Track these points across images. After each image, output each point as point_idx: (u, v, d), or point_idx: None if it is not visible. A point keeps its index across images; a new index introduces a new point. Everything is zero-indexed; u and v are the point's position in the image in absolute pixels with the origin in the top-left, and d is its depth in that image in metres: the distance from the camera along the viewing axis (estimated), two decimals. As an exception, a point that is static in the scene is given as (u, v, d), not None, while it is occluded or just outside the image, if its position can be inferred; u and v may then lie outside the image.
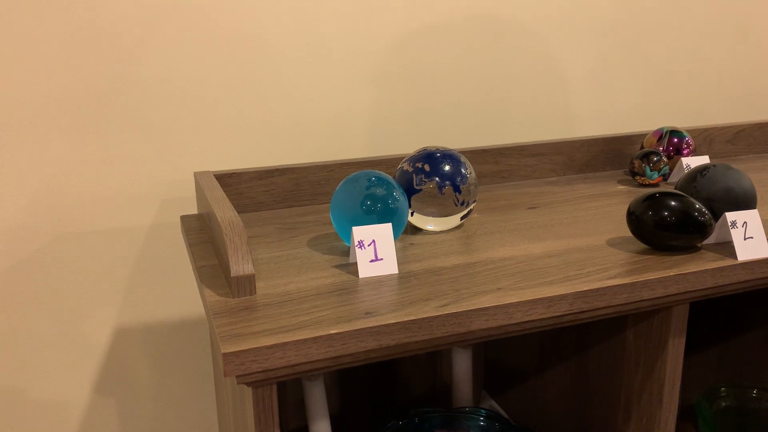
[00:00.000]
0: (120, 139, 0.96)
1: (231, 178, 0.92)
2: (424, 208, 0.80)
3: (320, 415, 0.88)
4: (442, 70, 1.11)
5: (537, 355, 0.98)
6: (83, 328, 1.00)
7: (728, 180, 0.77)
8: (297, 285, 0.67)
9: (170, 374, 1.06)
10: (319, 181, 0.96)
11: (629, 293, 0.67)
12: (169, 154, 0.99)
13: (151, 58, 0.95)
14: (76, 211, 0.96)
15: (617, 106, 1.26)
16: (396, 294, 0.64)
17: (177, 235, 1.01)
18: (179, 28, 0.95)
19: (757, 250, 0.72)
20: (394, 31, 1.07)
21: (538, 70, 1.18)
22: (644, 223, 0.73)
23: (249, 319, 0.59)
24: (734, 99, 1.35)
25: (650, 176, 1.01)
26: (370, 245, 0.69)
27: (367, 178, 0.75)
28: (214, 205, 0.72)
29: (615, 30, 1.21)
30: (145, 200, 0.99)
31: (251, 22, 0.99)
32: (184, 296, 1.04)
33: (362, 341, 0.58)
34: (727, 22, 1.30)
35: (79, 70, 0.92)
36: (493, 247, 0.77)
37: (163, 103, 0.97)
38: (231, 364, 0.54)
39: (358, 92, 1.07)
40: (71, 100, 0.93)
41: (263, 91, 1.02)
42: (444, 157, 0.81)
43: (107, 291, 1.00)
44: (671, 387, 0.76)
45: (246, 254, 0.64)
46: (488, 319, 0.62)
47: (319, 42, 1.03)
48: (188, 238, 0.82)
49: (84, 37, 0.92)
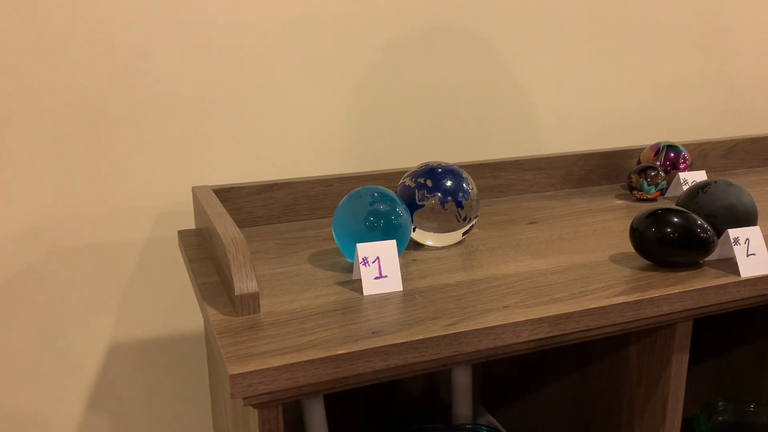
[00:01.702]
0: (116, 152, 0.95)
1: (229, 192, 0.91)
2: (427, 224, 0.80)
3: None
4: (438, 83, 1.11)
5: (537, 370, 0.97)
6: (76, 344, 0.98)
7: (730, 196, 0.78)
8: (301, 303, 0.66)
9: (164, 392, 1.04)
10: (318, 196, 0.95)
11: (635, 311, 0.67)
12: (166, 168, 0.98)
13: (148, 70, 0.94)
14: (71, 224, 0.95)
15: (611, 120, 1.26)
16: (402, 312, 0.63)
17: (174, 249, 0.99)
18: (175, 41, 0.95)
19: (759, 267, 0.72)
20: (391, 44, 1.07)
21: (530, 84, 1.18)
22: (647, 240, 0.73)
23: (254, 338, 0.58)
24: (725, 113, 1.36)
25: (648, 191, 1.02)
26: (375, 262, 0.68)
27: (370, 194, 0.74)
28: (216, 222, 0.71)
29: (606, 44, 1.22)
30: (141, 214, 0.97)
31: (249, 36, 0.98)
32: (179, 312, 1.02)
33: (370, 361, 0.57)
34: (716, 36, 1.31)
35: (75, 82, 0.91)
36: (497, 264, 0.76)
37: (160, 116, 0.96)
38: (238, 386, 0.53)
39: (355, 106, 1.07)
40: (67, 112, 0.92)
41: (260, 105, 1.01)
42: (446, 172, 0.81)
43: (101, 306, 0.98)
44: (674, 404, 0.76)
45: (250, 272, 0.63)
46: (495, 338, 0.61)
47: (316, 56, 1.03)
48: (187, 253, 0.81)
49: (80, 49, 0.90)
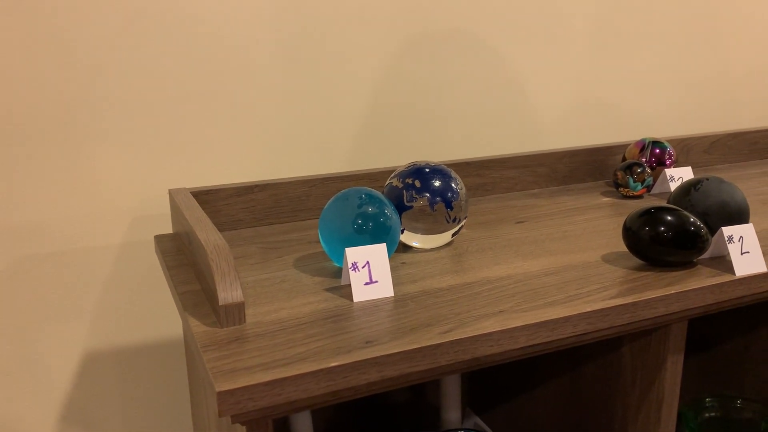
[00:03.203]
0: (89, 153, 0.91)
1: (208, 195, 0.87)
2: (415, 225, 0.77)
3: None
4: (420, 82, 1.09)
5: (526, 371, 0.96)
6: (49, 353, 0.94)
7: (722, 194, 0.77)
8: (288, 311, 0.63)
9: (141, 403, 1.01)
10: (300, 197, 0.92)
11: (632, 313, 0.65)
12: (141, 169, 0.94)
13: (122, 69, 0.90)
14: (43, 229, 0.90)
15: (595, 116, 1.25)
16: (395, 320, 0.61)
17: (149, 254, 0.96)
18: (150, 38, 0.90)
19: (753, 265, 0.71)
20: (369, 44, 1.04)
21: (513, 81, 1.16)
22: (641, 239, 0.72)
23: (241, 351, 0.55)
24: (708, 108, 1.36)
25: (634, 188, 1.00)
26: (365, 267, 0.66)
27: (358, 196, 0.71)
28: (196, 227, 0.68)
29: (590, 41, 1.21)
30: (115, 218, 0.93)
31: (227, 34, 0.95)
32: (156, 319, 0.98)
33: (364, 373, 0.54)
34: (700, 32, 1.31)
35: (45, 82, 0.87)
36: (488, 266, 0.74)
37: (135, 115, 0.92)
38: (226, 404, 0.50)
39: (336, 105, 1.04)
40: (37, 113, 0.87)
41: (239, 104, 0.97)
42: (434, 172, 0.78)
43: (75, 314, 0.94)
44: (669, 406, 0.74)
45: (234, 280, 0.60)
46: (493, 345, 0.59)
47: (296, 55, 0.99)
48: (165, 260, 0.77)
49: (50, 47, 0.86)
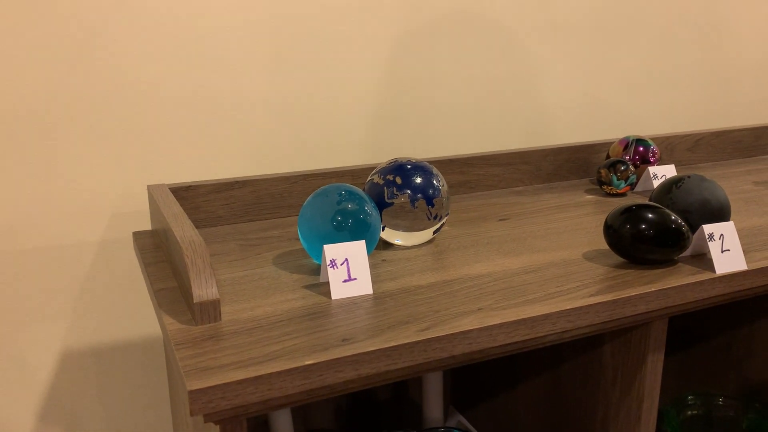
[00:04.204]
0: (66, 148, 0.89)
1: (187, 191, 0.86)
2: (396, 222, 0.77)
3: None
4: (406, 77, 1.08)
5: (508, 369, 0.95)
6: (26, 352, 0.93)
7: (704, 191, 0.76)
8: (265, 309, 0.62)
9: (121, 401, 0.99)
10: (281, 194, 0.91)
11: (611, 311, 0.65)
12: (120, 165, 0.92)
13: (100, 61, 0.89)
14: (19, 226, 0.89)
15: (580, 115, 1.25)
16: (372, 317, 0.60)
17: (128, 251, 0.94)
18: (129, 31, 0.89)
19: (734, 263, 0.71)
20: (353, 42, 1.03)
21: (497, 79, 1.16)
22: (622, 237, 0.71)
23: (215, 349, 0.54)
24: (692, 106, 1.36)
25: (617, 185, 1.00)
26: (343, 264, 0.65)
27: (338, 192, 0.70)
28: (172, 223, 0.67)
29: (577, 40, 1.20)
30: (93, 215, 0.92)
31: (207, 27, 0.93)
32: (136, 317, 0.97)
33: (340, 371, 0.53)
34: (687, 30, 1.31)
35: (21, 77, 0.85)
36: (469, 263, 0.74)
37: (113, 110, 0.91)
38: (198, 402, 0.49)
39: (319, 103, 1.03)
40: (12, 109, 0.86)
41: (219, 98, 0.96)
42: (415, 168, 0.78)
43: (52, 312, 0.93)
44: (650, 404, 0.74)
45: (209, 277, 0.59)
46: (471, 343, 0.58)
47: (277, 50, 0.98)
48: (143, 257, 0.76)
49: (27, 41, 0.85)
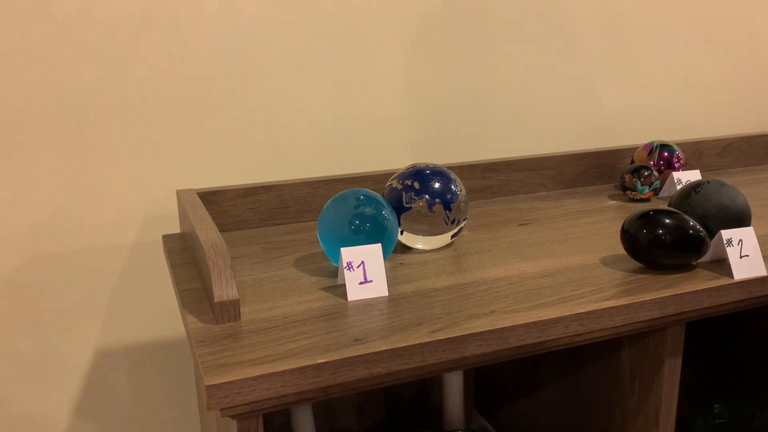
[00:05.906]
0: (101, 155, 0.93)
1: (215, 196, 0.89)
2: (414, 227, 0.78)
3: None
4: (426, 84, 1.10)
5: (530, 374, 0.96)
6: (63, 348, 0.97)
7: (722, 197, 0.76)
8: (283, 309, 0.64)
9: (152, 396, 1.03)
10: (305, 198, 0.94)
11: (625, 315, 0.65)
12: (151, 171, 0.96)
13: (133, 71, 0.92)
14: (56, 229, 0.93)
15: (604, 119, 1.25)
16: (386, 318, 0.62)
17: (159, 254, 0.98)
18: (161, 42, 0.93)
19: (753, 269, 0.71)
20: (378, 45, 1.05)
21: (522, 84, 1.16)
22: (639, 241, 0.71)
23: (233, 347, 0.57)
24: (721, 111, 1.35)
25: (641, 191, 1.00)
26: (359, 266, 0.67)
27: (355, 197, 0.72)
28: (197, 226, 0.70)
29: (601, 41, 1.20)
30: (126, 218, 0.96)
31: (236, 37, 0.97)
32: (167, 317, 1.00)
33: (352, 370, 0.55)
34: (715, 34, 1.29)
35: (58, 85, 0.89)
36: (485, 267, 0.75)
37: (145, 118, 0.94)
38: (214, 397, 0.51)
39: (344, 107, 1.05)
40: (50, 116, 0.90)
41: (247, 106, 0.99)
42: (434, 174, 0.79)
43: (88, 311, 0.97)
44: (668, 408, 0.74)
45: (230, 278, 0.61)
46: (482, 345, 0.60)
47: (304, 57, 1.01)
48: (170, 259, 0.79)
49: (64, 50, 0.89)
